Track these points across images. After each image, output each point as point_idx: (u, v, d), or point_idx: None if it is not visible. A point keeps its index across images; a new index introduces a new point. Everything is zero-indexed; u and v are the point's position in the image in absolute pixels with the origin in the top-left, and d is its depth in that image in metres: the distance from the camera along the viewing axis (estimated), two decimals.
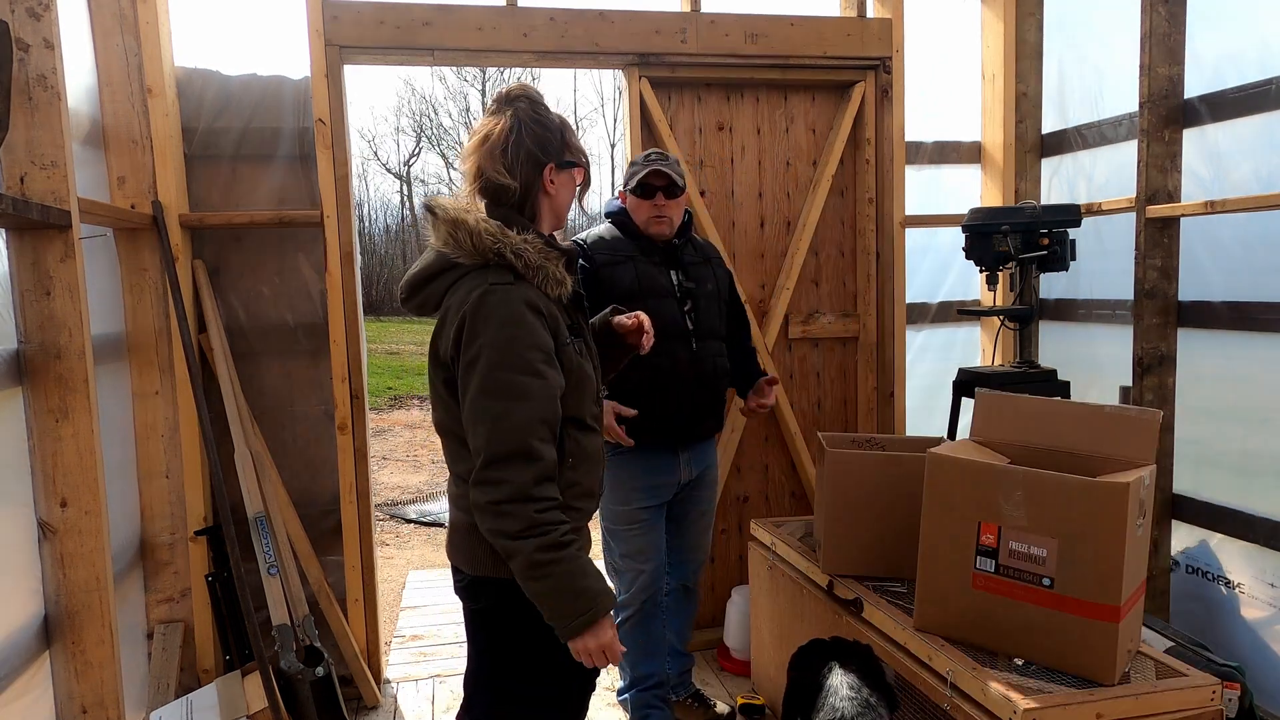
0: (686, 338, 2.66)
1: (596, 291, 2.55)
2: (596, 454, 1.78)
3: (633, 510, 2.69)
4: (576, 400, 1.69)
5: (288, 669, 2.81)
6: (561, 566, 1.55)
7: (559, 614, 1.58)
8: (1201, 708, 1.91)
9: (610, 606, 1.60)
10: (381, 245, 25.60)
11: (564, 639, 1.59)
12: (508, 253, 1.62)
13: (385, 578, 4.74)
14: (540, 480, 1.57)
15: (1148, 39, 2.94)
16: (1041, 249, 2.98)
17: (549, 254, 1.67)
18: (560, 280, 1.67)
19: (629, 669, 2.87)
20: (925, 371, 3.90)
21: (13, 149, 1.91)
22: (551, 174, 1.73)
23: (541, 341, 1.61)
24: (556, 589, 1.56)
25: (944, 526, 2.14)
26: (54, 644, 2.05)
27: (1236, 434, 2.86)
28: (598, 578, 1.61)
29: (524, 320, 1.59)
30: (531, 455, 1.56)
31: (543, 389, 1.59)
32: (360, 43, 3.11)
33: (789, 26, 3.46)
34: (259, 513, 2.99)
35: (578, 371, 1.68)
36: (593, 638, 1.58)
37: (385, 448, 8.75)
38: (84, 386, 2.00)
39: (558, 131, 1.74)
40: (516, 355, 1.57)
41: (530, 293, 1.62)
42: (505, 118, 1.70)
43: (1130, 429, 2.11)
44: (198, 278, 3.10)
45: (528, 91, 1.75)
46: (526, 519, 1.54)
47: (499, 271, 1.63)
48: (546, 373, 1.60)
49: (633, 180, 2.66)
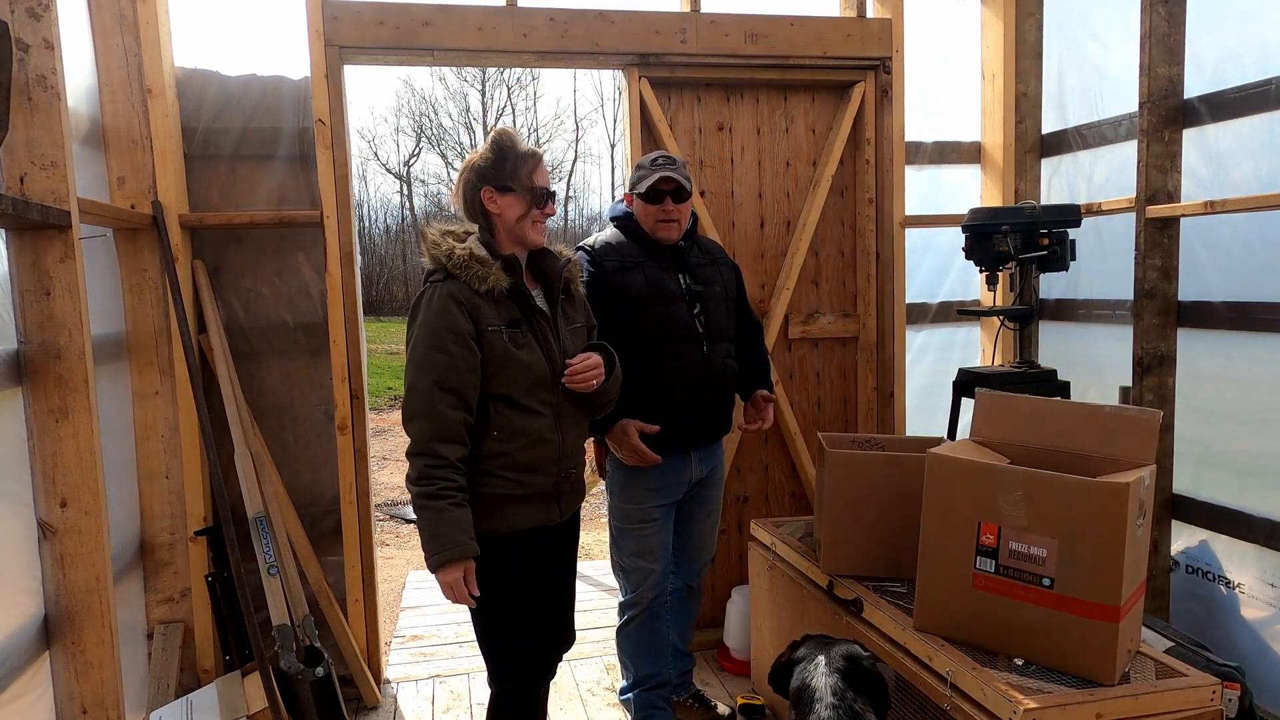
0: (698, 340, 2.67)
1: (607, 298, 2.56)
2: (537, 435, 2.07)
3: (646, 509, 2.70)
4: (504, 380, 2.03)
5: (288, 669, 2.81)
6: (430, 513, 1.94)
7: (425, 548, 1.97)
8: (1201, 708, 1.91)
9: (461, 558, 1.95)
10: (381, 245, 25.59)
11: (430, 569, 1.97)
12: (442, 256, 2.04)
13: (385, 578, 4.74)
14: (435, 439, 1.95)
15: (1148, 39, 2.94)
16: (1041, 249, 2.98)
17: (478, 257, 2.04)
18: (484, 278, 2.02)
19: (632, 668, 2.86)
20: (925, 371, 3.90)
21: (13, 149, 1.91)
22: (491, 195, 2.09)
23: (455, 325, 1.97)
24: (424, 527, 1.96)
25: (944, 526, 2.14)
26: (54, 644, 2.05)
27: (1236, 434, 2.86)
28: (460, 530, 1.95)
29: (444, 308, 1.98)
30: (430, 416, 1.95)
31: (448, 363, 1.96)
32: (360, 43, 3.11)
33: (789, 26, 3.46)
34: (259, 513, 2.99)
35: (502, 356, 2.02)
36: (443, 575, 1.96)
37: (385, 448, 8.74)
38: (84, 386, 2.00)
39: (507, 164, 2.09)
40: (431, 335, 1.98)
41: (454, 287, 2.01)
42: (468, 159, 2.15)
43: (1130, 429, 2.11)
44: (198, 278, 3.10)
45: (496, 132, 2.14)
46: (419, 469, 1.96)
47: (439, 273, 2.05)
48: (455, 350, 1.97)
49: (641, 184, 2.63)
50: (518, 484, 2.07)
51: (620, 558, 2.79)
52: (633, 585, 2.76)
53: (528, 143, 2.17)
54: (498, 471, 2.04)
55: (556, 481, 2.14)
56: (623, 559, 2.78)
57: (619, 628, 2.86)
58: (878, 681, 1.80)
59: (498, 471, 2.04)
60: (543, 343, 2.09)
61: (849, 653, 1.83)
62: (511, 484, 2.06)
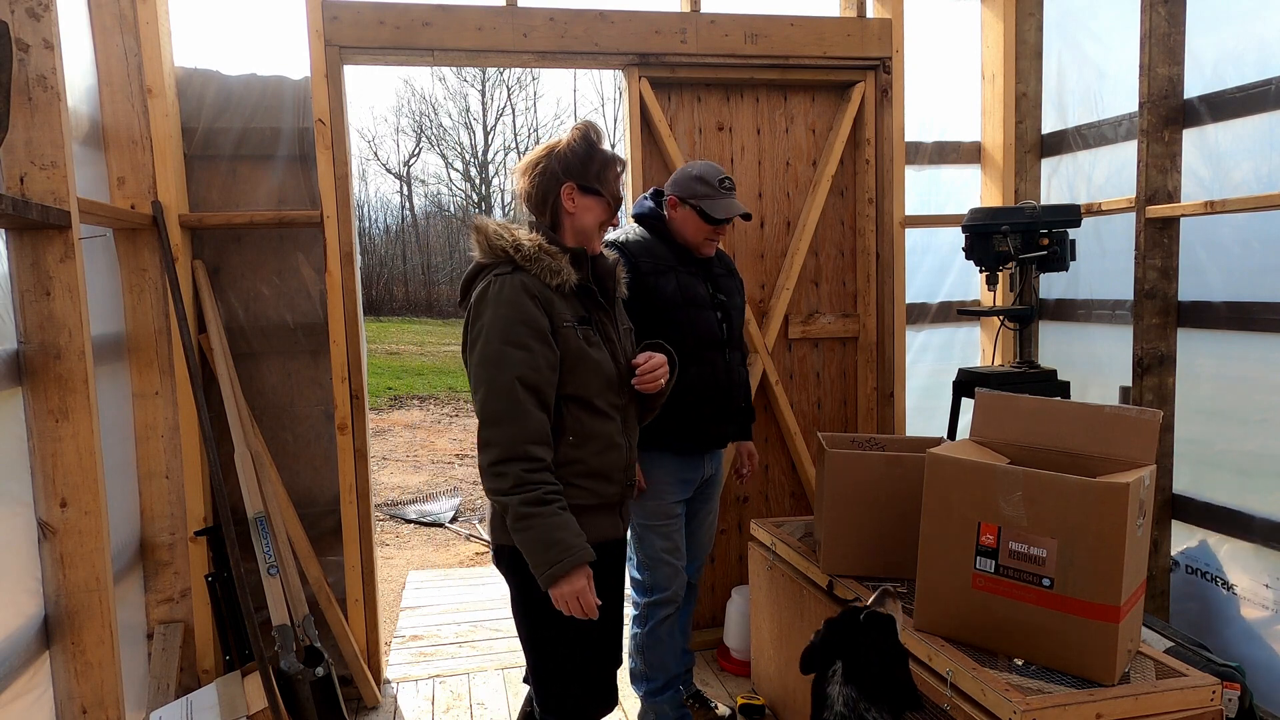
0: (721, 347, 2.72)
1: (642, 299, 2.54)
2: (608, 439, 1.94)
3: (668, 505, 2.72)
4: (578, 380, 1.88)
5: (288, 669, 2.81)
6: (540, 520, 1.76)
7: (538, 562, 1.78)
8: (1201, 708, 1.91)
9: (582, 560, 1.78)
10: (381, 245, 25.59)
11: (544, 588, 1.79)
12: (508, 247, 1.87)
13: (385, 578, 4.74)
14: (528, 441, 1.78)
15: (1148, 39, 2.94)
16: (1041, 249, 2.98)
17: (548, 249, 1.89)
18: (557, 270, 1.87)
19: (662, 669, 2.80)
20: (925, 371, 3.91)
21: (13, 149, 1.91)
22: (571, 193, 1.94)
23: (531, 319, 1.82)
24: (535, 539, 1.76)
25: (944, 526, 2.14)
26: (54, 644, 2.05)
27: (1236, 434, 2.86)
28: (576, 534, 1.79)
29: (517, 301, 1.82)
30: (518, 417, 1.78)
31: (527, 359, 1.80)
32: (360, 43, 3.11)
33: (789, 26, 3.46)
34: (259, 513, 2.99)
35: (577, 353, 1.87)
36: (567, 584, 1.77)
37: (385, 448, 8.75)
38: (84, 387, 2.00)
39: (594, 163, 1.95)
40: (507, 329, 1.80)
41: (526, 279, 1.85)
42: (548, 146, 1.97)
43: (1130, 429, 2.11)
44: (198, 278, 3.10)
45: (585, 125, 1.98)
46: (515, 476, 1.77)
47: (504, 265, 1.88)
48: (534, 346, 1.81)
49: (713, 207, 2.61)
50: (591, 493, 1.92)
51: (645, 556, 2.75)
52: (664, 583, 2.73)
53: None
54: (572, 479, 1.88)
55: (622, 490, 2.00)
56: (650, 557, 2.73)
57: (649, 630, 2.78)
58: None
59: (572, 479, 1.88)
60: (608, 342, 1.97)
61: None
62: (586, 493, 1.91)
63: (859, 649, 1.82)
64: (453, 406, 11.02)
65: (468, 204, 26.49)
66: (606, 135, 1.99)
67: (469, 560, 5.47)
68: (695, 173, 2.66)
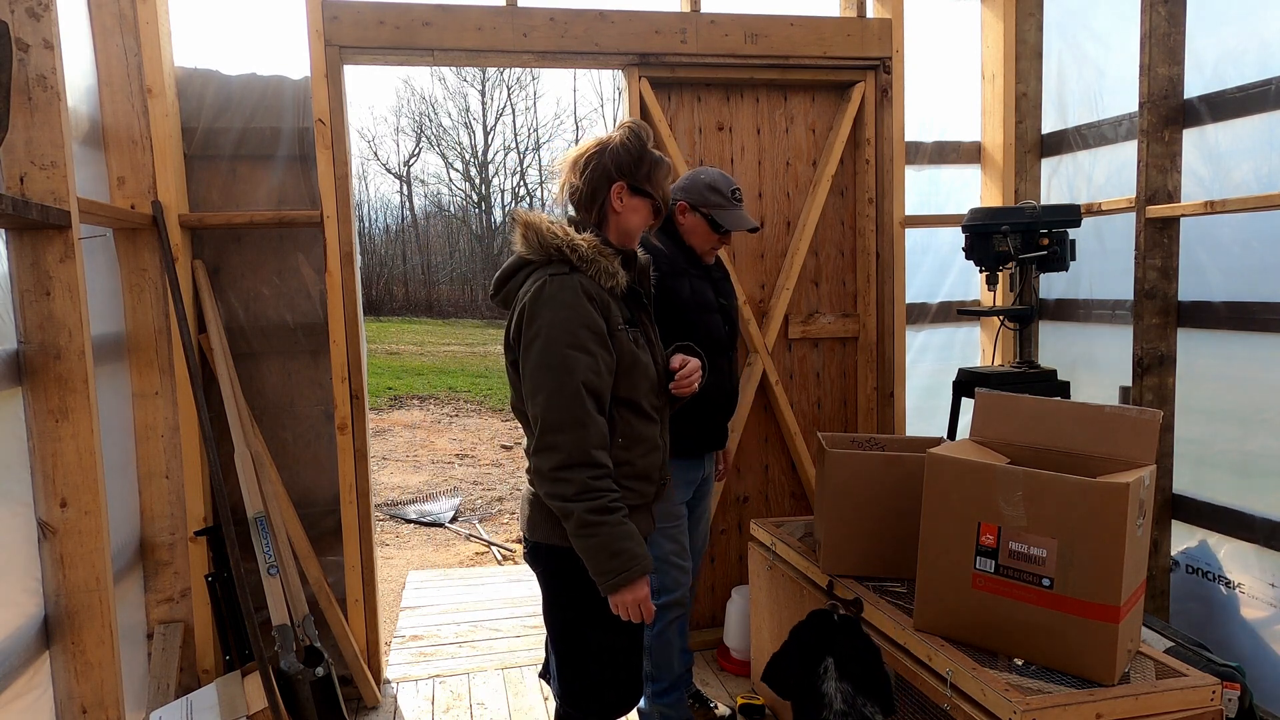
0: (725, 350, 2.76)
1: (659, 301, 2.51)
2: (653, 441, 1.95)
3: (675, 506, 2.72)
4: (630, 383, 1.88)
5: (288, 669, 2.81)
6: (606, 528, 1.75)
7: (601, 570, 1.77)
8: (1201, 708, 1.92)
9: (647, 569, 1.79)
10: (381, 245, 25.61)
11: (604, 593, 1.80)
12: (564, 247, 1.84)
13: (385, 578, 4.74)
14: (593, 446, 1.76)
15: (1148, 39, 2.94)
16: (1041, 249, 2.98)
17: (604, 250, 1.87)
18: (613, 273, 1.86)
19: (667, 670, 2.79)
20: (925, 371, 3.91)
21: (12, 149, 1.91)
22: (621, 192, 1.92)
23: (592, 322, 1.80)
24: (601, 547, 1.76)
25: (944, 526, 2.14)
26: (54, 644, 2.05)
27: (1236, 434, 2.86)
28: (639, 543, 1.79)
29: (577, 303, 1.79)
30: (583, 422, 1.76)
31: (590, 364, 1.78)
32: (360, 43, 3.11)
33: (789, 26, 3.46)
34: (259, 513, 2.99)
35: (630, 356, 1.87)
36: (629, 593, 1.78)
37: (385, 448, 8.74)
38: (84, 387, 2.00)
39: (645, 164, 1.93)
40: (569, 333, 1.77)
41: (584, 280, 1.82)
42: (598, 141, 1.95)
43: (1130, 429, 2.11)
44: (198, 278, 3.10)
45: (635, 125, 1.95)
46: (580, 483, 1.75)
47: (558, 264, 1.84)
48: (595, 350, 1.79)
49: (725, 218, 2.63)
50: (637, 493, 1.93)
51: (654, 559, 2.72)
52: (672, 585, 2.73)
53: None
54: (621, 481, 1.87)
55: (657, 490, 2.03)
56: (658, 560, 2.70)
57: (658, 632, 2.76)
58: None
59: (621, 481, 1.87)
60: (650, 345, 1.99)
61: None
62: (633, 494, 1.92)
63: (848, 646, 1.84)
64: (453, 406, 11.01)
65: (467, 204, 26.52)
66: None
67: (469, 560, 5.47)
68: (708, 181, 2.67)
